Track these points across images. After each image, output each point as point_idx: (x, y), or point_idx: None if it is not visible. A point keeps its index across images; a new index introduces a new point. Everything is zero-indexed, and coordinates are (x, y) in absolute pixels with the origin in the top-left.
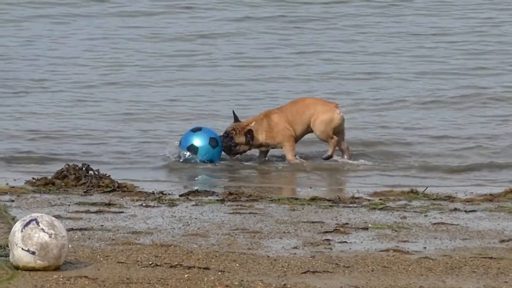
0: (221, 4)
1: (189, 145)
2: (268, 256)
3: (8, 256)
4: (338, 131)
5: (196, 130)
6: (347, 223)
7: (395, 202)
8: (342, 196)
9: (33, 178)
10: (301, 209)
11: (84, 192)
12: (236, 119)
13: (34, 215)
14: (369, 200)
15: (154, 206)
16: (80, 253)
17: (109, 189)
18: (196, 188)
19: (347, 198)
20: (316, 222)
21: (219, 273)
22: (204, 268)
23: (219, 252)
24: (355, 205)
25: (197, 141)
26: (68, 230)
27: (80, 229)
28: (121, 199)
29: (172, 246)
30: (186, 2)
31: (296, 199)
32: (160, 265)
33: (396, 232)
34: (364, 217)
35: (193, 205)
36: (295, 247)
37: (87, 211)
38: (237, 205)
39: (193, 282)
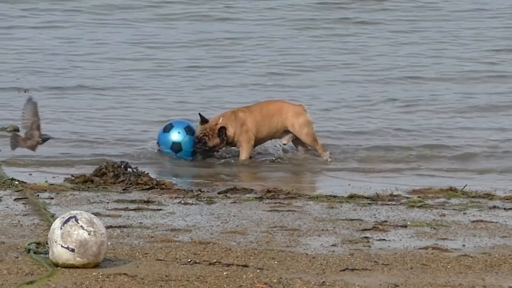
0: None
1: (171, 144)
2: (307, 254)
3: (48, 253)
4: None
5: (167, 129)
6: (385, 221)
7: (434, 200)
8: (381, 194)
9: (72, 176)
10: (340, 207)
11: (123, 189)
12: (203, 120)
13: (73, 212)
14: (407, 197)
15: (192, 204)
16: (119, 250)
17: (147, 186)
18: (234, 185)
19: (386, 196)
20: (354, 219)
21: (258, 270)
22: (243, 266)
23: (258, 249)
24: (393, 203)
25: (175, 135)
26: (107, 227)
27: (119, 227)
28: (160, 196)
29: (210, 244)
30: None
31: (334, 196)
32: (198, 263)
33: (435, 230)
34: (403, 214)
35: (231, 202)
36: (334, 245)
37: (126, 209)
38: (275, 203)
39: (231, 280)
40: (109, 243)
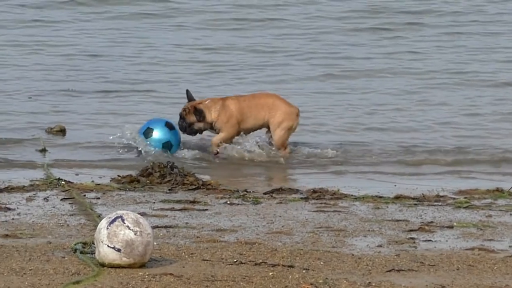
0: None
1: (164, 144)
2: (353, 254)
3: (94, 253)
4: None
5: (148, 132)
6: (432, 222)
7: (480, 201)
8: (427, 194)
9: (119, 176)
10: (385, 208)
11: (169, 189)
12: (190, 98)
13: (119, 212)
14: (454, 198)
15: (238, 204)
16: (165, 250)
17: (193, 186)
18: (280, 186)
19: (432, 197)
20: (400, 220)
21: (304, 271)
22: (289, 266)
23: (304, 250)
24: (439, 204)
25: (156, 132)
26: (153, 227)
27: (165, 227)
28: (206, 196)
29: (256, 244)
30: None
31: (380, 197)
32: (244, 263)
33: (481, 231)
34: (449, 215)
35: (277, 203)
36: (380, 245)
37: (172, 209)
38: (321, 203)
39: (277, 280)
40: (155, 243)
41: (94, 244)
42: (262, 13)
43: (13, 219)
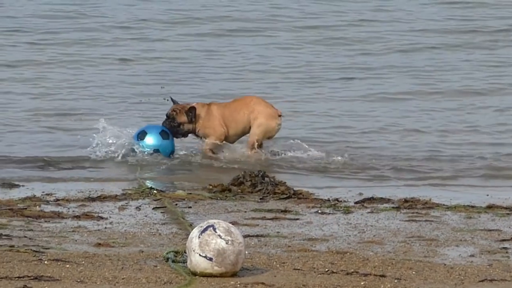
0: None
1: (153, 150)
2: (445, 264)
3: (186, 262)
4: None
5: (141, 136)
6: None
7: None
8: None
9: (210, 185)
10: (478, 217)
11: (260, 198)
12: (174, 102)
13: (211, 221)
14: None
15: (329, 213)
16: (257, 259)
17: (285, 196)
18: (371, 195)
19: None
20: (493, 230)
21: (395, 280)
22: (380, 276)
23: (395, 259)
24: None
25: (149, 138)
26: (245, 236)
27: (256, 236)
28: (297, 206)
29: (348, 253)
30: None
31: (472, 207)
32: (336, 272)
33: None
34: None
35: (368, 212)
36: (472, 255)
37: (263, 218)
38: (412, 213)
39: None
40: (246, 252)
41: (186, 253)
42: None
43: (105, 228)
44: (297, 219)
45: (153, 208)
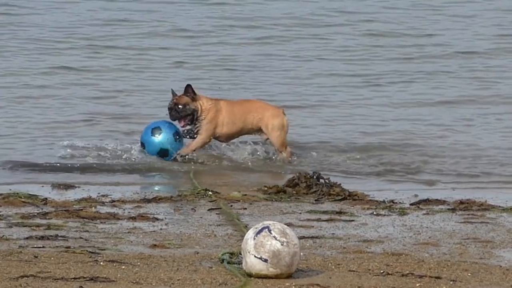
0: None
1: (161, 149)
2: (500, 266)
3: (241, 263)
4: None
5: (155, 132)
6: None
7: None
8: None
9: (265, 186)
10: None
11: (315, 200)
12: (174, 95)
13: (266, 223)
14: None
15: (384, 215)
16: (312, 261)
17: (340, 197)
18: (427, 197)
19: None
20: None
21: (451, 282)
22: (436, 277)
23: (451, 261)
24: None
25: (162, 135)
26: (300, 238)
27: (312, 237)
28: (352, 207)
29: (403, 255)
30: None
31: None
32: (391, 274)
33: None
34: None
35: (423, 214)
36: None
37: (318, 219)
38: (468, 214)
39: None
40: (301, 253)
41: (241, 254)
42: None
43: (161, 229)
44: (352, 220)
45: (208, 210)
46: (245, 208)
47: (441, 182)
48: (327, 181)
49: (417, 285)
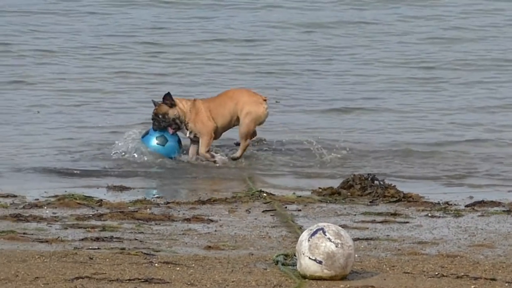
0: None
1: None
2: None
3: (296, 265)
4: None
5: (163, 140)
6: None
7: None
8: None
9: (320, 188)
10: None
11: (370, 202)
12: (156, 105)
13: (320, 224)
14: None
15: (439, 217)
16: (366, 262)
17: (394, 199)
18: (482, 198)
19: None
20: None
21: (506, 284)
22: (491, 279)
23: (506, 263)
24: None
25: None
26: (354, 239)
27: (366, 239)
28: (407, 209)
29: (458, 257)
30: None
31: None
32: (446, 276)
33: None
34: None
35: (479, 215)
36: None
37: (373, 221)
38: None
39: None
40: (356, 255)
41: (295, 256)
42: None
43: (215, 231)
44: (407, 222)
45: (263, 211)
46: (300, 210)
47: (496, 184)
48: (381, 182)
49: (472, 287)
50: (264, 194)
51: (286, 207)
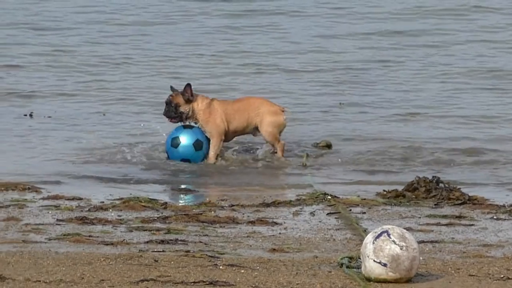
0: None
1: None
2: None
3: (360, 267)
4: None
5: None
6: None
7: None
8: None
9: (384, 190)
10: None
11: (435, 204)
12: (174, 91)
13: (385, 227)
14: None
15: (505, 219)
16: (431, 265)
17: (459, 201)
18: None
19: None
20: None
21: None
22: None
23: None
24: None
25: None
26: (419, 242)
27: (431, 242)
28: (472, 211)
29: None
30: None
31: None
32: (511, 279)
33: None
34: None
35: None
36: None
37: (438, 224)
38: None
39: None
40: (421, 258)
41: (360, 258)
42: None
43: (280, 233)
44: (472, 225)
45: (327, 214)
46: (364, 213)
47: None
48: (446, 185)
49: None
50: (329, 197)
51: (350, 210)
